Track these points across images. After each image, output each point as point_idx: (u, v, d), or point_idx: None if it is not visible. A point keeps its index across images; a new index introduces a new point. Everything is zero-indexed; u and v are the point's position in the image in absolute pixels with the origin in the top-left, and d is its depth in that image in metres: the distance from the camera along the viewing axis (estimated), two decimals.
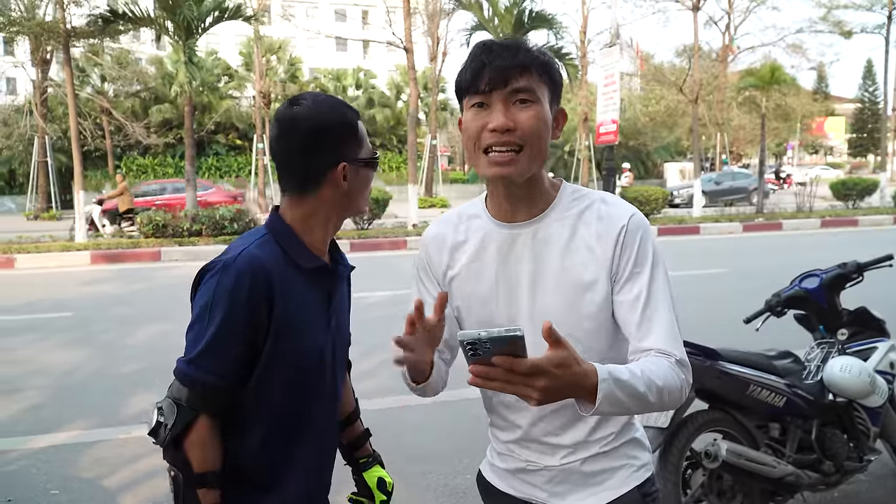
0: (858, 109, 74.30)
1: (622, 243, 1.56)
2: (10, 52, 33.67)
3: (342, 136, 1.73)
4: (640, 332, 1.53)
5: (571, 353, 1.26)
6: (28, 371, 6.81)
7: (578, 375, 1.27)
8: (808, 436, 3.59)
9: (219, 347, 1.62)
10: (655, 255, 1.58)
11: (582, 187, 1.68)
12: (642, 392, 1.38)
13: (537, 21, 24.24)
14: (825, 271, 3.89)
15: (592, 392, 1.30)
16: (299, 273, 1.72)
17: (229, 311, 1.61)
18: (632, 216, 1.58)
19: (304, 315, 1.72)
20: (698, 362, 3.31)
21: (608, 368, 1.34)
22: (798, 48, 30.22)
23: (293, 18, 30.65)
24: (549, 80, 1.56)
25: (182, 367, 1.65)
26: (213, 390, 1.63)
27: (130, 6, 18.76)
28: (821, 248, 14.90)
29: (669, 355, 1.50)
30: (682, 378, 1.49)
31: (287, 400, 1.74)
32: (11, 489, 4.34)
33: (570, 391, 1.29)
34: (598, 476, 1.67)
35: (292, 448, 1.77)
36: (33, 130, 28.98)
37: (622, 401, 1.34)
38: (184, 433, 1.62)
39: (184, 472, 1.63)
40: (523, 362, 1.21)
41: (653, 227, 14.09)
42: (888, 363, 3.79)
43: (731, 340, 4.06)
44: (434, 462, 4.61)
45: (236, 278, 1.62)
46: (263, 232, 1.75)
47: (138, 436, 5.11)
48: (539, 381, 1.22)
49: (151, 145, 34.89)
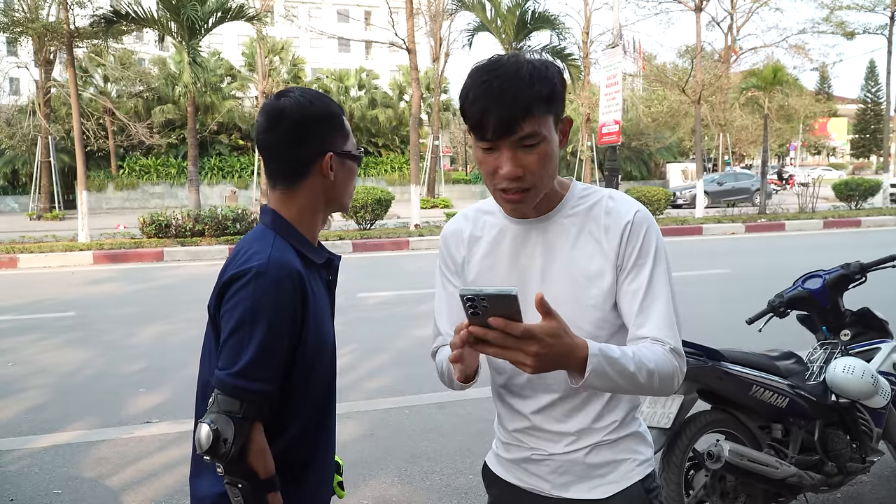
0: (861, 110, 74.23)
1: (627, 236, 1.62)
2: (14, 53, 33.76)
3: (329, 127, 1.78)
4: (638, 320, 1.59)
5: (562, 325, 1.33)
6: (30, 371, 6.82)
7: (569, 346, 1.35)
8: (811, 437, 3.59)
9: (267, 355, 1.62)
10: (658, 249, 1.63)
11: (590, 185, 1.74)
12: (632, 371, 1.45)
13: (540, 22, 24.26)
14: (828, 272, 3.89)
15: (583, 365, 1.37)
16: (311, 268, 1.77)
17: (274, 319, 1.62)
18: (637, 211, 1.64)
19: (321, 310, 1.79)
20: (701, 363, 3.31)
21: (599, 345, 1.41)
22: (801, 49, 30.14)
23: (296, 19, 30.63)
24: (552, 107, 1.57)
25: (229, 379, 1.62)
26: (265, 397, 1.63)
27: (134, 7, 18.81)
28: (823, 249, 14.89)
29: (664, 343, 1.56)
30: (676, 366, 1.55)
31: (319, 391, 1.80)
32: (14, 489, 4.34)
33: (562, 361, 1.36)
34: (602, 468, 1.70)
35: (319, 433, 1.83)
36: (36, 130, 29.00)
37: (612, 377, 1.42)
38: (246, 444, 1.61)
39: (252, 482, 1.62)
40: (517, 325, 1.28)
41: None
42: (891, 364, 3.78)
43: (733, 341, 4.06)
44: (436, 462, 4.61)
45: (276, 285, 1.63)
46: (272, 234, 1.75)
47: (140, 435, 5.12)
48: (531, 347, 1.30)
49: (154, 146, 34.95)
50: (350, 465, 4.57)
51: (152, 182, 40.00)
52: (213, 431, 1.58)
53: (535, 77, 1.53)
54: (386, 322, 8.54)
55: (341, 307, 2.08)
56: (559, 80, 1.58)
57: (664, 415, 3.34)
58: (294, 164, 1.76)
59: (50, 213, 28.76)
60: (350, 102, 46.46)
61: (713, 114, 32.65)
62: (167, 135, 36.34)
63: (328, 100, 1.81)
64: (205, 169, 40.57)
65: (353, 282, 10.77)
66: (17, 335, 8.32)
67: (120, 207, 37.86)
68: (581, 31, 28.23)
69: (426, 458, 4.66)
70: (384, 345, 7.31)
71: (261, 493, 1.63)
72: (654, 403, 3.40)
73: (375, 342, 7.40)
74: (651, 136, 41.33)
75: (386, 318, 8.79)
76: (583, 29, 28.34)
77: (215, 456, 1.60)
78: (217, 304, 1.71)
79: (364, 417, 5.37)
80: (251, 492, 1.62)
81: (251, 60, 41.38)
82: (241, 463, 1.61)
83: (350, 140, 1.83)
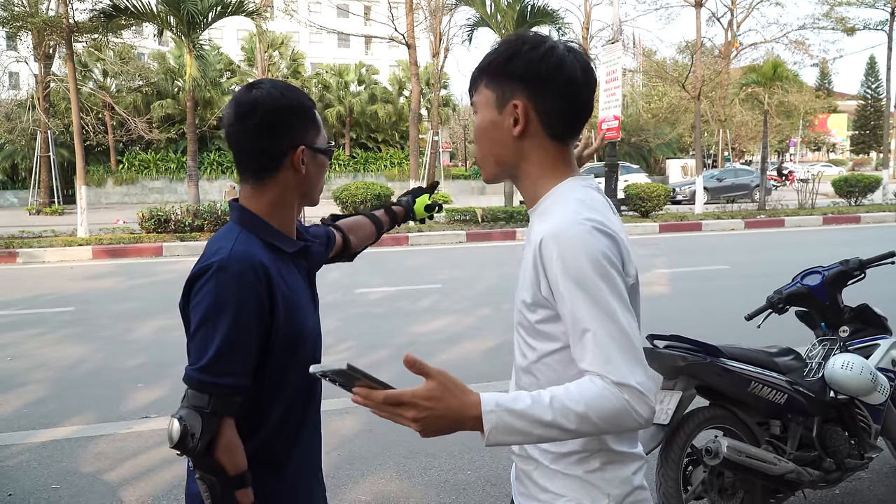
0: (861, 106, 74.18)
1: (541, 261, 1.45)
2: (13, 47, 33.68)
3: (302, 119, 1.76)
4: (577, 354, 1.41)
5: (444, 385, 1.27)
6: (29, 366, 6.82)
7: (455, 408, 1.28)
8: (810, 433, 3.59)
9: (231, 350, 1.61)
10: (578, 274, 1.39)
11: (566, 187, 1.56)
12: (549, 420, 1.30)
13: (539, 17, 24.19)
14: (827, 268, 3.88)
15: (480, 423, 1.29)
16: (283, 258, 1.76)
17: (237, 312, 1.60)
18: (548, 232, 1.44)
19: (297, 297, 1.76)
20: (699, 359, 3.32)
21: (496, 398, 1.30)
22: (801, 45, 30.19)
23: (296, 14, 30.54)
24: (494, 82, 1.55)
25: (195, 374, 1.61)
26: (234, 392, 1.62)
27: (133, 1, 18.76)
28: (823, 245, 14.89)
29: (605, 377, 1.35)
30: (622, 399, 1.33)
31: (297, 381, 1.77)
32: (12, 483, 4.35)
33: (451, 423, 1.30)
34: (545, 493, 1.54)
35: (300, 426, 1.82)
36: (36, 125, 29.01)
37: (523, 429, 1.30)
38: (213, 440, 1.60)
39: (220, 478, 1.62)
40: (377, 393, 1.26)
41: (654, 223, 14.06)
42: (890, 360, 3.78)
43: (732, 337, 4.06)
44: (435, 458, 4.61)
45: (238, 278, 1.62)
46: (238, 229, 1.74)
47: (139, 430, 5.12)
48: (407, 412, 1.26)
49: (153, 141, 35.03)
50: (348, 461, 4.57)
51: (151, 177, 39.98)
52: (181, 426, 1.59)
53: (488, 52, 1.59)
54: (384, 318, 8.49)
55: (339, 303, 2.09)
56: (507, 55, 1.53)
57: (662, 411, 3.34)
58: (265, 157, 1.73)
59: (49, 207, 28.78)
60: (350, 98, 46.43)
61: (713, 110, 32.68)
62: (166, 130, 36.26)
63: (300, 92, 1.79)
64: (204, 164, 40.54)
65: (351, 277, 10.76)
66: (16, 330, 8.33)
67: (119, 202, 37.88)
68: (581, 27, 28.21)
69: (424, 454, 4.66)
70: (382, 341, 7.29)
71: (228, 489, 1.62)
72: None
73: (374, 338, 7.39)
74: (651, 131, 41.38)
75: (384, 314, 8.76)
76: (583, 24, 28.30)
77: (184, 450, 1.61)
78: (185, 303, 1.70)
79: (363, 413, 5.36)
80: (219, 487, 1.62)
81: (251, 55, 41.38)
82: (209, 458, 1.61)
83: (322, 134, 1.81)
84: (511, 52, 1.53)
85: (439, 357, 5.97)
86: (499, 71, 1.54)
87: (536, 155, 1.56)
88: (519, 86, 1.52)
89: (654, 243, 15.53)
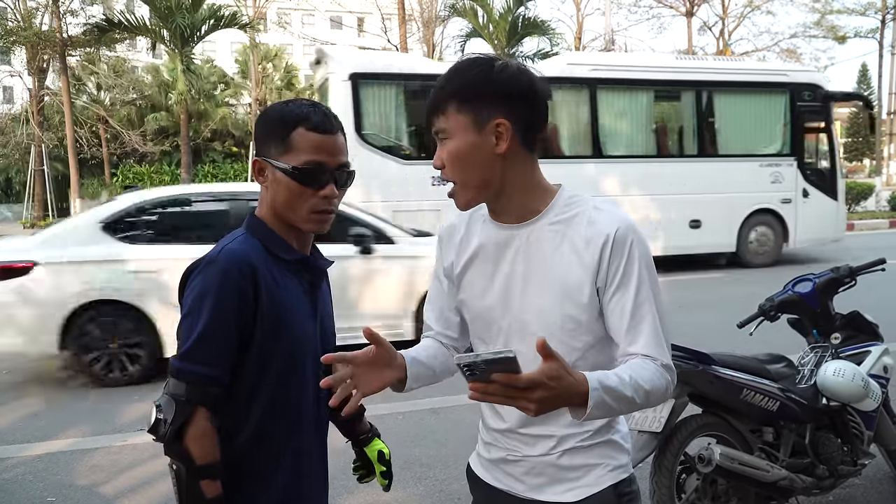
0: (854, 114, 74.33)
1: (610, 252, 1.60)
2: (7, 62, 33.74)
3: (271, 132, 1.76)
4: (628, 338, 1.60)
5: (563, 365, 1.33)
6: (24, 379, 6.81)
7: (571, 386, 1.34)
8: (802, 440, 3.60)
9: (210, 340, 1.65)
10: (643, 265, 1.61)
11: (579, 193, 1.71)
12: (630, 396, 1.46)
13: (531, 28, 24.32)
14: (818, 275, 3.90)
15: (584, 400, 1.37)
16: (281, 264, 1.77)
17: (217, 304, 1.65)
18: (619, 227, 1.60)
19: (290, 304, 1.77)
20: (691, 367, 3.33)
21: (597, 377, 1.41)
22: (792, 53, 30.38)
23: (289, 26, 30.68)
24: (467, 107, 1.59)
25: (175, 363, 1.67)
26: (208, 382, 1.66)
27: (126, 15, 18.82)
28: (815, 251, 14.93)
29: (656, 360, 1.57)
30: (668, 380, 1.58)
31: (281, 389, 1.77)
32: (8, 497, 4.34)
33: (564, 400, 1.36)
34: (575, 471, 1.71)
35: (287, 436, 1.81)
36: (30, 139, 29.04)
37: (611, 405, 1.43)
38: (184, 427, 1.64)
39: (186, 465, 1.64)
40: (520, 378, 1.28)
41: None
42: (881, 367, 3.80)
43: (724, 345, 4.08)
44: (430, 468, 4.61)
45: (222, 272, 1.67)
46: (242, 231, 1.80)
47: (134, 443, 5.12)
48: (535, 394, 1.30)
49: (148, 153, 34.96)
50: (343, 471, 4.56)
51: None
52: (157, 411, 1.66)
53: (448, 77, 1.62)
54: None
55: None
56: (481, 78, 1.59)
57: (655, 419, 3.35)
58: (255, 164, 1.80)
59: (44, 221, 28.69)
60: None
61: None
62: (160, 142, 36.24)
63: (295, 107, 1.76)
64: (198, 176, 40.42)
65: None
66: None
67: None
68: (573, 37, 28.36)
69: (419, 464, 4.67)
70: None
71: (194, 478, 1.64)
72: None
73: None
74: None
75: None
76: (575, 34, 28.50)
77: (156, 435, 1.65)
78: (181, 296, 1.76)
79: None
80: (185, 475, 1.64)
81: (244, 68, 41.33)
82: (177, 444, 1.64)
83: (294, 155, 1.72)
84: (483, 74, 1.60)
85: None
86: (473, 94, 1.59)
87: (520, 169, 1.65)
88: (497, 105, 1.59)
89: None
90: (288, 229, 1.80)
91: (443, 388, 1.85)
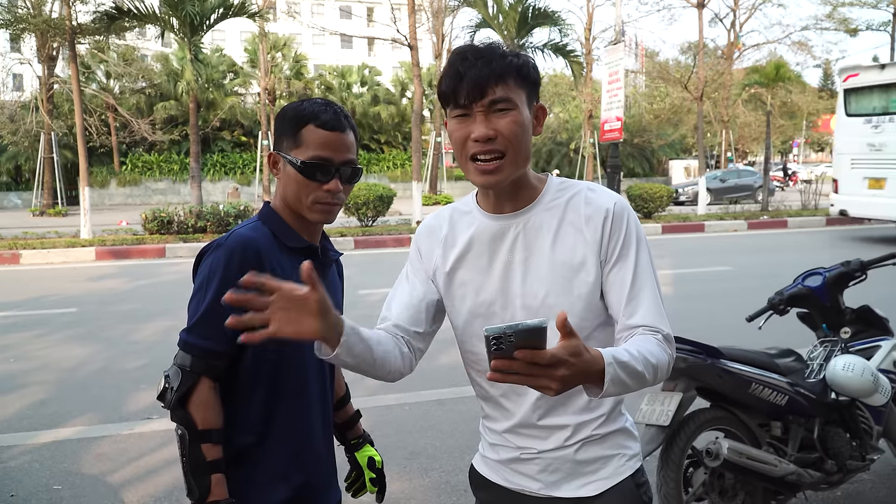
0: None
1: (610, 226, 1.64)
2: (17, 49, 33.78)
3: (286, 128, 1.88)
4: (628, 309, 1.61)
5: (581, 342, 1.32)
6: (32, 367, 6.83)
7: (589, 362, 1.33)
8: (811, 434, 3.59)
9: (214, 316, 1.74)
10: (640, 237, 1.67)
11: (568, 179, 1.76)
12: (640, 371, 1.46)
13: (541, 18, 24.21)
14: (828, 269, 3.88)
15: (600, 376, 1.37)
16: (288, 252, 1.88)
17: (222, 283, 1.74)
18: (616, 201, 1.66)
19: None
20: (700, 360, 3.31)
21: (611, 352, 1.40)
22: (804, 45, 30.11)
23: (298, 15, 30.65)
24: (524, 83, 1.62)
25: (183, 335, 1.81)
26: (211, 354, 1.78)
27: (136, 3, 18.80)
28: (825, 246, 14.88)
29: (657, 331, 1.58)
30: (669, 353, 1.58)
31: (284, 372, 1.87)
32: (15, 484, 4.36)
33: (582, 378, 1.35)
34: (592, 464, 1.71)
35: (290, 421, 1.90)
36: (39, 127, 29.04)
37: (625, 381, 1.42)
38: (188, 395, 1.77)
39: (189, 429, 1.76)
40: (544, 354, 1.25)
41: (657, 224, 14.10)
42: (891, 362, 3.78)
43: (733, 338, 4.06)
44: (435, 459, 4.61)
45: (229, 252, 1.80)
46: (255, 219, 1.93)
47: (141, 432, 5.14)
48: (558, 371, 1.28)
49: (157, 142, 34.99)
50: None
51: (155, 178, 39.98)
52: (165, 380, 1.80)
53: (508, 52, 1.62)
54: None
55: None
56: (533, 66, 1.65)
57: (663, 412, 3.34)
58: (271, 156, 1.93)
59: (52, 209, 28.79)
60: (352, 99, 46.39)
61: (716, 110, 32.63)
62: (170, 131, 36.28)
63: (309, 105, 1.88)
64: (207, 165, 40.57)
65: (354, 278, 10.70)
66: (19, 331, 8.34)
67: (122, 204, 37.89)
68: (583, 28, 28.26)
69: (425, 455, 4.67)
70: None
71: (195, 441, 1.76)
72: (652, 401, 3.41)
73: None
74: (653, 132, 41.27)
75: None
76: (585, 25, 28.37)
77: (163, 402, 1.81)
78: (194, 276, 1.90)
79: (364, 414, 5.33)
80: (187, 439, 1.77)
81: (253, 57, 41.29)
82: (181, 410, 1.78)
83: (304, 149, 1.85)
84: (525, 59, 1.64)
85: (439, 359, 5.97)
86: (528, 72, 1.63)
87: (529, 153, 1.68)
88: (534, 90, 1.66)
89: (657, 244, 15.51)
90: (297, 219, 1.91)
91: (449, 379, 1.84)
